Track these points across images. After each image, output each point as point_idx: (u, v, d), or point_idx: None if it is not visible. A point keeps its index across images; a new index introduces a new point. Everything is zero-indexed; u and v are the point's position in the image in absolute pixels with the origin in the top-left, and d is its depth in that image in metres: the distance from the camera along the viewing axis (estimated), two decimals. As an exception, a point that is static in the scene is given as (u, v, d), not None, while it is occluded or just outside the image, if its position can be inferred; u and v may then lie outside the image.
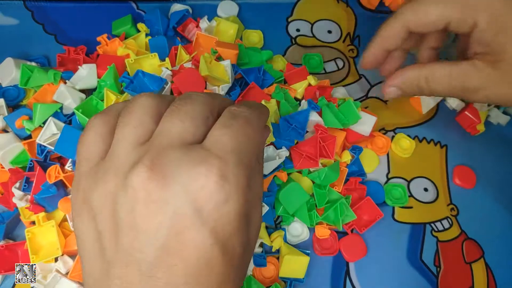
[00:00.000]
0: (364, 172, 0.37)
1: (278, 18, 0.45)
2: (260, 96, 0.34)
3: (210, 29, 0.40)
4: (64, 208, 0.30)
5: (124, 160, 0.18)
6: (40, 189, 0.30)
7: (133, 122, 0.19)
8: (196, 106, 0.19)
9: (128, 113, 0.20)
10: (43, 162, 0.31)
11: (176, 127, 0.18)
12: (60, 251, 0.29)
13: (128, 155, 0.18)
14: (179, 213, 0.17)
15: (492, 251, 0.35)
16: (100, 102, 0.32)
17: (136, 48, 0.37)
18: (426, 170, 0.38)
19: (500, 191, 0.38)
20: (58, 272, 0.30)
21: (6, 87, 0.36)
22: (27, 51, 0.40)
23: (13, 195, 0.31)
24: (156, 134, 0.19)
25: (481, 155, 0.39)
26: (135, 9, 0.43)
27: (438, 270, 0.34)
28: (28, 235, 0.29)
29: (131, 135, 0.19)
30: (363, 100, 0.41)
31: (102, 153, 0.20)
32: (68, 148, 0.29)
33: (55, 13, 0.42)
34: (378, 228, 0.35)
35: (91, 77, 0.34)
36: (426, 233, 0.36)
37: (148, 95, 0.20)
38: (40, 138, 0.30)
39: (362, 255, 0.34)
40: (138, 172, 0.17)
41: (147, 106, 0.20)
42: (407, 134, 0.39)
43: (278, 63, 0.40)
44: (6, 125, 0.34)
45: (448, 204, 0.37)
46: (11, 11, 0.42)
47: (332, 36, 0.44)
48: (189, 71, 0.32)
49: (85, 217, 0.19)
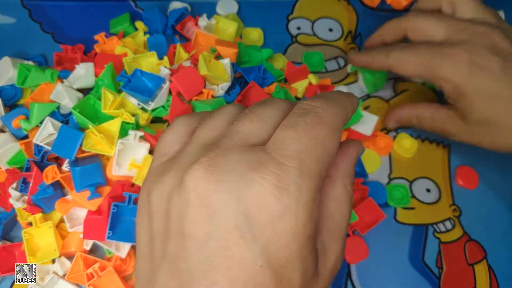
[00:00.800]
0: (365, 173, 0.36)
1: (279, 16, 0.44)
2: (260, 96, 0.33)
3: (209, 27, 0.39)
4: (61, 209, 0.30)
5: (187, 159, 0.17)
6: (37, 189, 0.29)
7: (210, 126, 0.19)
8: (268, 108, 0.18)
9: (209, 118, 0.19)
10: (40, 163, 0.31)
11: (243, 128, 0.17)
12: (58, 252, 0.29)
13: (192, 155, 0.17)
14: (229, 225, 0.15)
15: (494, 253, 0.35)
16: (98, 102, 0.31)
17: (134, 46, 0.36)
18: (428, 171, 0.38)
19: (503, 192, 0.37)
20: (55, 273, 0.29)
21: (3, 87, 0.35)
22: (24, 50, 0.39)
23: (9, 195, 0.31)
24: (224, 135, 0.18)
25: (484, 155, 0.39)
26: (133, 7, 0.43)
27: (440, 272, 0.34)
28: (25, 236, 0.29)
29: (204, 136, 0.18)
30: (364, 99, 0.40)
31: (175, 153, 0.19)
32: (65, 148, 0.29)
33: (53, 12, 0.42)
34: (380, 229, 0.34)
35: (88, 76, 0.33)
36: (428, 234, 0.35)
37: (233, 105, 0.20)
38: (37, 138, 0.30)
39: (364, 257, 0.33)
40: (194, 171, 0.16)
41: (229, 113, 0.19)
42: (409, 134, 0.39)
43: (279, 61, 0.40)
44: (3, 125, 0.33)
45: (451, 205, 0.37)
46: (8, 9, 0.42)
47: (333, 34, 0.44)
48: (188, 70, 0.32)
49: (145, 216, 0.18)
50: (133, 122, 0.30)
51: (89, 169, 0.29)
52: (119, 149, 0.29)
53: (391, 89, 0.41)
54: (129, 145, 0.29)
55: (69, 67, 0.36)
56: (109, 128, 0.30)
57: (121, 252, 0.29)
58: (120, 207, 0.28)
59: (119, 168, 0.29)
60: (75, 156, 0.29)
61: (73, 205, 0.30)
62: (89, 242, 0.30)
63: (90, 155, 0.30)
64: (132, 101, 0.32)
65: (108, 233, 0.27)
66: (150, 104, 0.31)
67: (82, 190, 0.29)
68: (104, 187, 0.30)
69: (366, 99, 0.41)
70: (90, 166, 0.29)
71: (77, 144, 0.29)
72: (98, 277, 0.29)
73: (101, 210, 0.29)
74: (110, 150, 0.29)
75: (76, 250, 0.30)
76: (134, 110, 0.31)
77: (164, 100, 0.32)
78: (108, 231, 0.27)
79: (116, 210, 0.28)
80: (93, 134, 0.29)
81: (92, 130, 0.29)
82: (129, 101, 0.32)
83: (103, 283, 0.29)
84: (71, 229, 0.30)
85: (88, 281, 0.29)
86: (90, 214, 0.29)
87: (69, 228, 0.30)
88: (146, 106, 0.31)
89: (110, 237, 0.27)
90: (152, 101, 0.31)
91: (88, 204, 0.29)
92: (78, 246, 0.30)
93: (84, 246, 0.30)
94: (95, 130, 0.29)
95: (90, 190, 0.29)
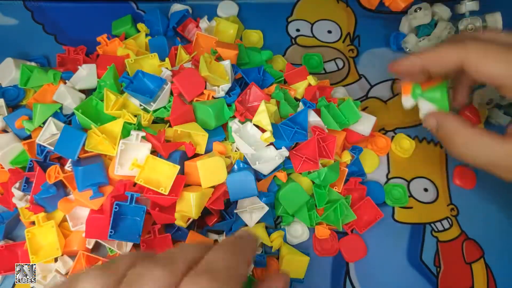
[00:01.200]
0: (364, 172, 0.37)
1: (278, 18, 0.45)
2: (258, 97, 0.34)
3: (210, 29, 0.40)
4: (64, 208, 0.30)
5: None
6: (40, 189, 0.30)
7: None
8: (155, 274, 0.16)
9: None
10: (43, 163, 0.31)
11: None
12: (60, 251, 0.29)
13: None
14: None
15: (492, 251, 0.35)
16: (100, 102, 0.32)
17: (136, 48, 0.37)
18: (426, 170, 0.38)
19: (500, 191, 0.38)
20: (57, 272, 0.30)
21: (5, 87, 0.36)
22: (27, 51, 0.40)
23: (13, 195, 0.31)
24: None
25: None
26: (135, 9, 0.43)
27: (438, 270, 0.34)
28: (28, 235, 0.29)
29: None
30: (363, 100, 0.41)
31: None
32: (68, 148, 0.29)
33: (55, 13, 0.42)
34: (378, 228, 0.34)
35: (91, 77, 0.34)
36: (426, 233, 0.36)
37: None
38: (40, 138, 0.30)
39: (362, 256, 0.34)
40: None
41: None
42: (407, 134, 0.39)
43: (278, 63, 0.40)
44: (6, 125, 0.34)
45: (448, 204, 0.37)
46: (10, 11, 0.42)
47: (332, 36, 0.44)
48: (189, 71, 0.32)
49: None
50: (135, 122, 0.30)
51: (91, 169, 0.29)
52: (121, 149, 0.29)
53: (389, 89, 0.42)
54: (131, 145, 0.29)
55: (72, 68, 0.36)
56: (111, 129, 0.30)
57: (122, 250, 0.30)
58: (122, 207, 0.28)
59: (121, 168, 0.29)
60: (81, 157, 0.30)
61: (75, 204, 0.30)
62: (91, 241, 0.31)
63: (93, 155, 0.30)
64: (134, 102, 0.32)
65: (110, 232, 0.28)
66: (152, 105, 0.31)
67: (84, 189, 0.29)
68: (107, 187, 0.30)
69: (365, 99, 0.41)
70: (92, 166, 0.29)
71: (80, 144, 0.29)
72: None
73: (103, 210, 0.30)
74: (112, 150, 0.30)
75: (79, 249, 0.30)
76: (136, 110, 0.32)
77: (165, 101, 0.32)
78: (110, 230, 0.28)
79: (118, 209, 0.28)
80: (95, 135, 0.30)
81: (94, 131, 0.30)
82: (131, 102, 0.32)
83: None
84: (74, 228, 0.30)
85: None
86: (92, 213, 0.29)
87: (72, 227, 0.30)
88: (147, 107, 0.32)
89: (112, 236, 0.28)
90: (153, 102, 0.31)
91: (90, 203, 0.29)
92: (80, 245, 0.30)
93: (86, 245, 0.30)
94: (98, 130, 0.30)
95: (93, 190, 0.29)
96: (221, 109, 0.32)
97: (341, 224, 0.33)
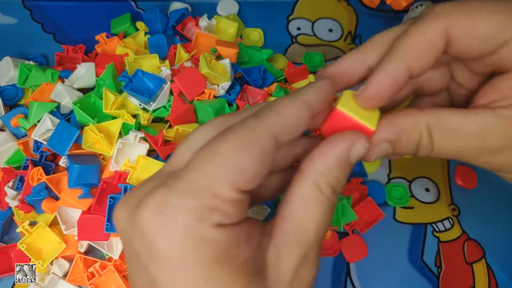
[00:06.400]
0: (365, 172, 0.37)
1: (279, 16, 0.44)
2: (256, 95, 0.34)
3: (210, 27, 0.40)
4: (47, 208, 0.29)
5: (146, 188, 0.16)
6: (31, 191, 0.29)
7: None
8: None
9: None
10: (38, 162, 0.31)
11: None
12: (63, 244, 0.28)
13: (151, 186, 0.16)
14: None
15: (493, 252, 0.35)
16: (98, 100, 0.31)
17: (135, 46, 0.37)
18: (427, 170, 0.38)
19: (502, 191, 0.37)
20: (55, 275, 0.29)
21: (4, 87, 0.35)
22: (26, 50, 0.39)
23: (5, 194, 0.31)
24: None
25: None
26: (134, 8, 0.43)
27: (439, 271, 0.34)
28: (23, 247, 0.28)
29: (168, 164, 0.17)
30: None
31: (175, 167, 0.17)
32: (60, 143, 0.29)
33: (54, 12, 0.42)
34: (379, 228, 0.34)
35: (89, 76, 0.34)
36: (427, 233, 0.35)
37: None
38: (35, 133, 0.30)
39: (363, 256, 0.33)
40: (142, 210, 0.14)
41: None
42: (408, 133, 0.39)
43: (279, 62, 0.40)
44: (2, 125, 0.33)
45: (450, 204, 0.37)
46: (9, 10, 0.42)
47: (333, 35, 0.44)
48: (190, 70, 0.32)
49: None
50: (133, 123, 0.30)
51: (87, 169, 0.29)
52: (118, 148, 0.29)
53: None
54: (128, 145, 0.29)
55: (70, 67, 0.36)
56: (109, 128, 0.30)
57: (113, 253, 0.29)
58: (116, 199, 0.28)
59: (117, 165, 0.29)
60: (77, 153, 0.29)
61: (60, 204, 0.29)
62: (83, 244, 0.30)
63: (89, 153, 0.30)
64: (133, 101, 0.32)
65: (106, 225, 0.27)
66: (151, 104, 0.31)
67: (75, 187, 0.28)
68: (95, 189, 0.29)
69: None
70: (89, 167, 0.29)
71: (71, 140, 0.29)
72: (99, 276, 0.28)
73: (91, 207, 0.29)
74: (108, 150, 0.29)
75: (72, 253, 0.29)
76: (135, 110, 0.32)
77: (165, 100, 0.32)
78: (106, 223, 0.27)
79: (113, 202, 0.28)
80: (92, 132, 0.29)
81: (91, 128, 0.29)
82: (130, 101, 0.32)
83: (104, 282, 0.29)
84: (66, 232, 0.29)
85: (89, 281, 0.28)
86: (84, 214, 0.29)
87: (64, 231, 0.29)
88: (147, 106, 0.31)
89: (108, 229, 0.27)
90: (153, 102, 0.31)
91: (77, 203, 0.28)
92: (73, 249, 0.30)
93: (78, 248, 0.30)
94: (95, 128, 0.29)
95: (84, 190, 0.28)
96: (221, 108, 0.32)
97: (342, 224, 0.33)
